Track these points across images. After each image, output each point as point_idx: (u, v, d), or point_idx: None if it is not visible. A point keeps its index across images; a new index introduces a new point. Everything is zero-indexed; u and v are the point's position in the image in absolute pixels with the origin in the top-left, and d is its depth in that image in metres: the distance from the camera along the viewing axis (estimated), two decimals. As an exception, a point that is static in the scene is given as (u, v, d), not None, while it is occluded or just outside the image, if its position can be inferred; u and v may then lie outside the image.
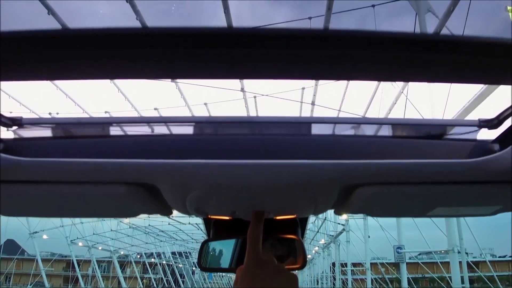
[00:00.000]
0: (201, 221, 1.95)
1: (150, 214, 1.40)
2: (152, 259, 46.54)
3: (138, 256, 46.17)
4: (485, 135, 1.39)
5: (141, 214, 1.40)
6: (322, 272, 32.17)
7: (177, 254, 47.28)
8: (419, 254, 28.21)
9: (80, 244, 32.44)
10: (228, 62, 0.75)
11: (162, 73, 0.85)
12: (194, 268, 48.71)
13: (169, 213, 1.40)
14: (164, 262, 46.26)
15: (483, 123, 1.41)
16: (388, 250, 19.26)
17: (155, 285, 49.53)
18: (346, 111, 12.60)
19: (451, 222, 11.54)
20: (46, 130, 1.31)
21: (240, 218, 1.52)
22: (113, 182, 1.11)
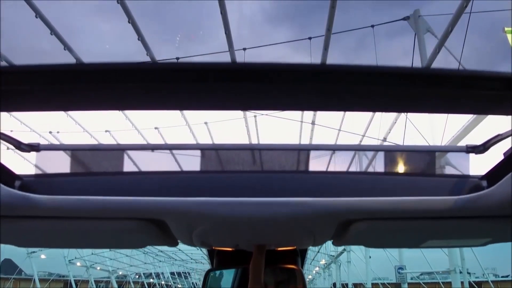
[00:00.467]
0: None
1: (157, 245, 1.46)
2: (151, 280, 46.04)
3: (137, 276, 45.67)
4: (474, 171, 1.46)
5: (148, 245, 1.47)
6: (323, 292, 31.78)
7: (176, 274, 46.78)
8: (421, 274, 27.91)
9: (78, 264, 32.10)
10: (232, 95, 0.78)
11: (168, 105, 0.90)
12: (193, 288, 48.21)
13: (175, 244, 1.45)
14: (163, 283, 45.74)
15: (471, 149, 1.49)
16: (389, 270, 19.08)
17: (154, 305, 48.93)
18: (346, 131, 12.62)
19: (453, 242, 11.44)
20: (62, 165, 1.37)
21: (242, 249, 1.57)
22: (125, 218, 1.17)
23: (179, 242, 1.43)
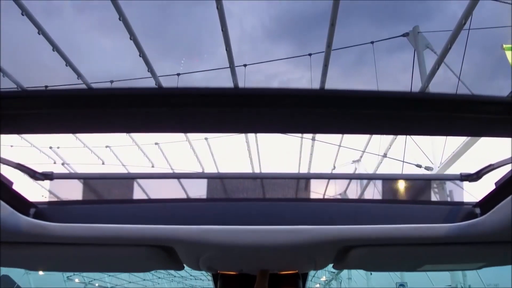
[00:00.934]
0: None
1: (163, 269, 1.53)
2: (149, 296, 45.58)
3: (136, 292, 45.23)
4: (467, 198, 1.54)
5: (155, 270, 1.54)
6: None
7: (175, 291, 46.33)
8: (422, 291, 27.66)
9: (76, 280, 31.79)
10: (233, 119, 0.80)
11: (171, 128, 0.93)
12: (192, 305, 47.70)
13: (181, 268, 1.51)
14: (161, 299, 45.28)
15: (464, 177, 1.57)
16: (390, 287, 18.91)
17: (152, 323, 48.34)
18: (346, 146, 12.62)
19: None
20: (74, 193, 1.44)
21: (246, 273, 1.64)
22: (136, 245, 1.23)
23: (185, 266, 1.49)
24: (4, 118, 0.71)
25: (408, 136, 10.14)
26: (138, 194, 1.51)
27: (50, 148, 12.98)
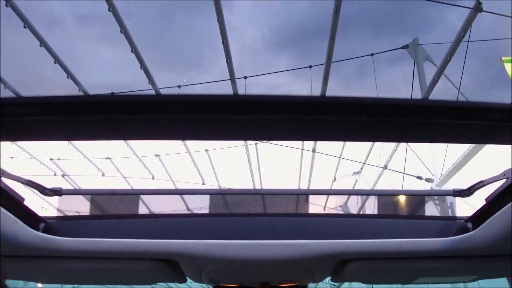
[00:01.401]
0: None
1: (166, 282, 1.58)
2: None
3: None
4: (460, 212, 1.60)
5: (159, 282, 1.58)
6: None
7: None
8: (424, 304, 27.43)
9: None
10: (234, 126, 0.80)
11: (171, 135, 0.94)
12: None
13: (183, 281, 1.54)
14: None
15: (457, 193, 1.64)
16: (392, 300, 18.74)
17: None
18: (347, 158, 12.61)
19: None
20: (82, 208, 1.49)
21: (247, 285, 1.69)
22: (141, 258, 1.27)
23: (188, 279, 1.52)
24: (2, 125, 0.71)
25: (409, 145, 10.15)
26: (143, 209, 1.56)
27: (51, 159, 12.97)
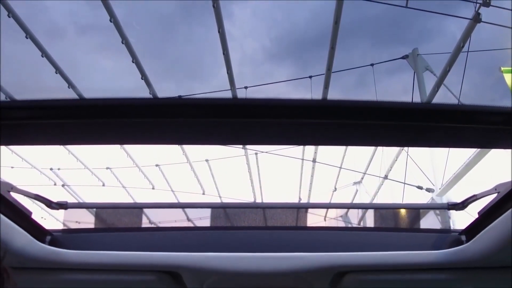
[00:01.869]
0: None
1: None
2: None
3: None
4: (454, 225, 1.70)
5: None
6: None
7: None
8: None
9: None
10: (234, 130, 0.80)
11: (170, 139, 0.95)
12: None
13: None
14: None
15: (451, 206, 1.70)
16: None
17: None
18: (347, 168, 12.60)
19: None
20: (87, 221, 1.52)
21: None
22: (145, 270, 1.32)
23: None
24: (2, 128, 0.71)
25: (409, 154, 10.13)
26: (146, 222, 1.65)
27: (51, 169, 12.96)
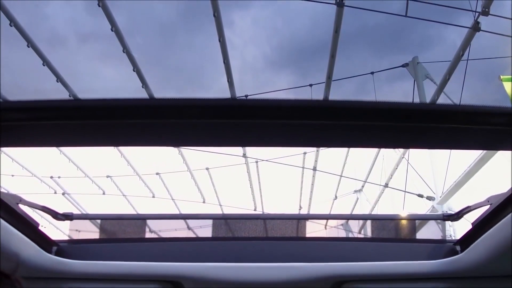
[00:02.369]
0: None
1: None
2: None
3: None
4: (450, 231, 1.74)
5: None
6: None
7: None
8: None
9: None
10: (232, 131, 0.79)
11: (168, 141, 0.95)
12: None
13: None
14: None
15: (446, 217, 1.74)
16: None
17: None
18: (348, 176, 12.59)
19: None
20: (92, 232, 1.59)
21: None
22: (148, 280, 1.36)
23: None
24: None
25: (410, 162, 10.12)
26: (148, 231, 1.68)
27: (51, 177, 12.94)
